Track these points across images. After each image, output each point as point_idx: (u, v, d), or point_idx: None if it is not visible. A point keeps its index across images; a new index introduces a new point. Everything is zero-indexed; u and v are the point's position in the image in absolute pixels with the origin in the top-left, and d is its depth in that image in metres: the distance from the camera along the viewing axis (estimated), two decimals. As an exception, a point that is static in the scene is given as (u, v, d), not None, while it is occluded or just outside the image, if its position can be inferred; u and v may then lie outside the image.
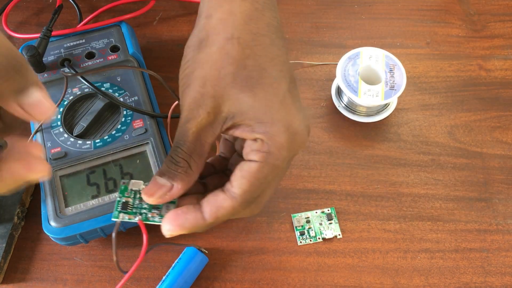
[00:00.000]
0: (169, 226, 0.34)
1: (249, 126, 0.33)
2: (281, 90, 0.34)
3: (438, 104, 0.55)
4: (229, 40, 0.33)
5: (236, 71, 0.33)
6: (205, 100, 0.33)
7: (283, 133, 0.33)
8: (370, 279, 0.46)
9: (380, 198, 0.49)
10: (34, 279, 0.45)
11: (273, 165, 0.33)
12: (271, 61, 0.34)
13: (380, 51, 0.52)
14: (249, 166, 0.33)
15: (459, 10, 0.61)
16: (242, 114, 0.33)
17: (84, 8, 0.60)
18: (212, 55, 0.33)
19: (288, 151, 0.33)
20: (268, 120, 0.33)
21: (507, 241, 0.47)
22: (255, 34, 0.34)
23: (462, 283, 0.45)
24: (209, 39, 0.34)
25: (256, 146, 0.33)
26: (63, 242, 0.44)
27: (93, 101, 0.49)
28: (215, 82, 0.33)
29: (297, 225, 0.48)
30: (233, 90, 0.33)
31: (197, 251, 0.44)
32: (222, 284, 0.45)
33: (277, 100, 0.33)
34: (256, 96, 0.33)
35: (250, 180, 0.33)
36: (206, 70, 0.33)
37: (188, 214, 0.34)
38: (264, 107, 0.33)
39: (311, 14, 0.61)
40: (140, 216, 0.35)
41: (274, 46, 0.35)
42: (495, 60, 0.58)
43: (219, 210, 0.33)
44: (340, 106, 0.54)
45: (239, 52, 0.33)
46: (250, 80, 0.33)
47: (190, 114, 0.33)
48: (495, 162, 0.51)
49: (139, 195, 0.35)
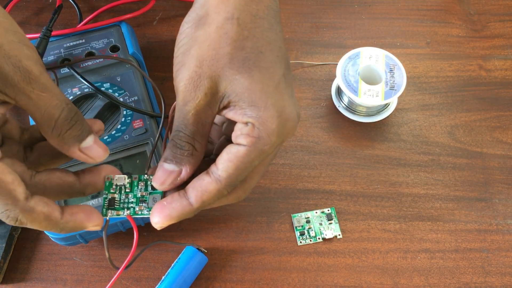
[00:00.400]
0: (157, 218, 0.33)
1: (242, 109, 0.33)
2: (276, 75, 0.34)
3: (438, 104, 0.55)
4: (228, 20, 0.33)
5: (234, 51, 0.33)
6: (202, 80, 0.32)
7: (275, 118, 0.33)
8: (370, 279, 0.45)
9: (380, 198, 0.49)
10: (33, 279, 0.45)
11: (261, 150, 0.33)
12: (268, 45, 0.34)
13: (380, 51, 0.52)
14: (237, 150, 0.33)
15: (459, 10, 0.61)
16: (237, 95, 0.32)
17: (84, 8, 0.60)
18: (211, 34, 0.33)
19: (277, 137, 0.33)
20: (262, 104, 0.32)
21: (507, 241, 0.47)
22: (255, 16, 0.34)
23: (462, 283, 0.45)
24: (209, 18, 0.33)
25: (246, 130, 0.33)
26: (62, 242, 0.44)
27: (93, 101, 0.49)
28: (212, 62, 0.32)
29: (297, 225, 0.48)
30: (230, 71, 0.32)
31: (196, 251, 0.44)
32: (222, 284, 0.45)
33: (272, 84, 0.33)
34: (252, 78, 0.32)
35: (236, 164, 0.33)
36: (203, 49, 0.33)
37: (174, 203, 0.33)
38: (259, 91, 0.33)
39: (311, 14, 0.61)
40: (128, 211, 0.35)
41: (272, 30, 0.35)
42: (495, 60, 0.58)
43: (204, 194, 0.33)
44: (340, 106, 0.54)
45: (238, 32, 0.33)
46: (247, 62, 0.33)
47: (187, 95, 0.33)
48: (495, 162, 0.51)
49: (124, 190, 0.35)
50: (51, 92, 0.31)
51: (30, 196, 0.31)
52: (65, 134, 0.32)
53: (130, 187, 0.35)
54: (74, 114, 0.32)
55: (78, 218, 0.32)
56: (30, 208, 0.30)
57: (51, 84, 0.31)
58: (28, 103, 0.30)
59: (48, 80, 0.31)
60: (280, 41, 0.35)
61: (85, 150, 0.33)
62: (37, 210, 0.31)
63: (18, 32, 0.31)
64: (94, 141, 0.33)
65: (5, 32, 0.30)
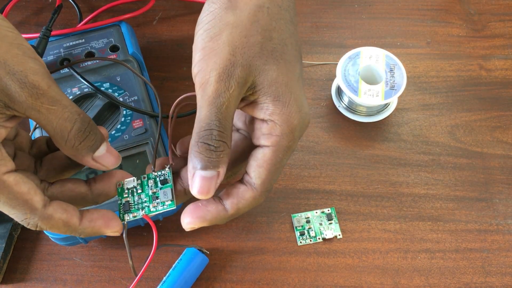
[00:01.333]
0: (189, 218, 0.33)
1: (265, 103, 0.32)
2: (297, 68, 0.33)
3: (438, 104, 0.55)
4: (260, 8, 0.32)
5: (264, 41, 0.32)
6: (235, 69, 0.31)
7: (297, 113, 0.32)
8: (370, 279, 0.45)
9: (380, 198, 0.49)
10: (33, 279, 0.45)
11: (286, 147, 0.32)
12: (290, 38, 0.33)
13: (380, 51, 0.52)
14: (263, 154, 0.32)
15: (460, 10, 0.61)
16: (264, 87, 0.31)
17: (83, 8, 0.60)
18: (243, 20, 0.31)
19: (299, 132, 0.33)
20: (285, 99, 0.32)
21: (508, 241, 0.47)
22: (280, 7, 0.33)
23: (462, 283, 0.45)
24: (240, 2, 0.32)
25: (267, 129, 0.32)
26: (62, 242, 0.43)
27: (92, 101, 0.49)
28: (244, 50, 0.31)
29: (297, 225, 0.48)
30: (260, 61, 0.31)
31: (197, 252, 0.44)
32: (222, 285, 0.45)
33: (294, 78, 0.33)
34: (280, 70, 0.32)
35: (267, 168, 0.32)
36: (235, 36, 0.31)
37: (209, 205, 0.33)
38: (285, 84, 0.32)
39: (311, 14, 0.61)
40: (143, 211, 0.35)
41: (292, 23, 0.34)
42: (496, 60, 0.58)
43: (240, 201, 0.33)
44: (340, 106, 0.54)
45: (268, 22, 0.32)
46: (275, 53, 0.32)
47: (221, 86, 0.30)
48: (496, 162, 0.51)
49: (136, 192, 0.35)
50: (61, 104, 0.30)
51: (48, 202, 0.31)
52: (79, 146, 0.31)
53: (141, 187, 0.35)
54: (88, 124, 0.32)
55: (96, 225, 0.33)
56: (49, 215, 0.31)
57: (61, 96, 0.31)
58: (39, 117, 0.30)
59: (57, 93, 0.30)
60: (297, 34, 0.34)
61: (98, 159, 0.33)
62: (55, 217, 0.31)
63: (23, 45, 0.30)
64: (107, 150, 0.33)
65: (9, 46, 0.29)
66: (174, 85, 0.55)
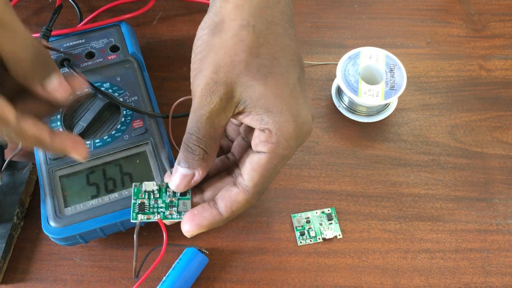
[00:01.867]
0: (188, 227, 0.36)
1: (258, 115, 0.34)
2: (291, 80, 0.34)
3: (438, 104, 0.55)
4: (244, 27, 0.33)
5: (249, 58, 0.33)
6: (218, 86, 0.33)
7: (291, 123, 0.33)
8: (370, 279, 0.45)
9: (380, 198, 0.49)
10: (33, 279, 0.45)
11: (281, 155, 0.34)
12: (282, 51, 0.34)
13: (380, 51, 0.52)
14: (259, 159, 0.34)
15: (460, 10, 0.61)
16: (253, 101, 0.33)
17: (84, 8, 0.60)
18: (227, 41, 0.33)
19: (296, 141, 0.34)
20: (277, 110, 0.33)
21: (508, 241, 0.47)
22: (270, 23, 0.34)
23: (462, 283, 0.45)
24: (224, 24, 0.34)
25: (264, 137, 0.34)
26: (62, 242, 0.43)
27: (92, 101, 0.49)
28: (228, 69, 0.33)
29: (297, 225, 0.48)
30: (246, 78, 0.33)
31: (197, 252, 0.44)
32: (222, 285, 0.45)
33: (287, 89, 0.34)
34: (267, 84, 0.33)
35: (261, 172, 0.34)
36: (220, 56, 0.33)
37: (204, 212, 0.36)
38: (274, 96, 0.33)
39: (311, 14, 0.61)
40: (158, 215, 0.37)
41: (286, 35, 0.35)
42: (496, 60, 0.58)
43: (234, 204, 0.35)
44: (340, 106, 0.54)
45: (253, 40, 0.33)
46: (262, 69, 0.33)
47: (203, 100, 0.33)
48: (496, 162, 0.51)
49: (153, 196, 0.37)
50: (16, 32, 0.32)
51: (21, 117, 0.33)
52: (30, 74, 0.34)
53: (158, 193, 0.37)
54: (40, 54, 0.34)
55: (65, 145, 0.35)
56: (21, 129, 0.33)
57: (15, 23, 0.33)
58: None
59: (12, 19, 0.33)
60: (294, 45, 0.35)
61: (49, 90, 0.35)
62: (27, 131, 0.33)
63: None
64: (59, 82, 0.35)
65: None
66: (174, 85, 0.55)
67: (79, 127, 0.47)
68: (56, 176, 0.44)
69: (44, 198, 0.44)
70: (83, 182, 0.44)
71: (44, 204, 0.44)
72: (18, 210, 0.47)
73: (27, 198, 0.48)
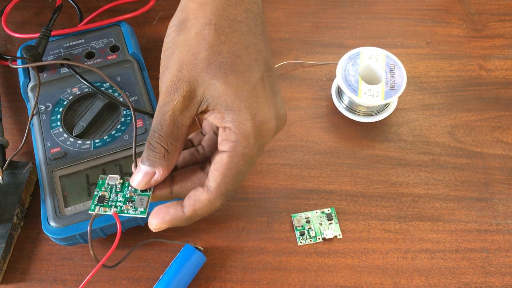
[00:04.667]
0: (154, 220, 0.36)
1: (220, 113, 0.34)
2: (253, 78, 0.34)
3: (438, 104, 0.55)
4: (206, 26, 0.34)
5: (211, 56, 0.33)
6: (181, 84, 0.34)
7: (249, 121, 0.33)
8: (370, 279, 0.45)
9: (380, 198, 0.49)
10: (33, 279, 0.45)
11: (242, 154, 0.34)
12: (245, 49, 0.34)
13: (380, 51, 0.52)
14: (221, 158, 0.34)
15: (460, 10, 0.61)
16: (214, 99, 0.33)
17: (84, 8, 0.60)
18: (190, 39, 0.34)
19: (255, 139, 0.34)
20: (236, 108, 0.33)
21: (508, 241, 0.47)
22: (232, 21, 0.34)
23: (462, 283, 0.45)
24: (188, 22, 0.35)
25: (225, 136, 0.34)
26: (62, 242, 0.43)
27: (92, 101, 0.49)
28: (191, 67, 0.33)
29: (297, 225, 0.48)
30: (207, 76, 0.33)
31: (193, 249, 0.44)
32: (222, 284, 0.45)
33: (247, 88, 0.34)
34: (228, 83, 0.33)
35: (223, 172, 0.34)
36: (184, 54, 0.34)
37: (170, 208, 0.36)
38: (233, 94, 0.33)
39: (311, 14, 0.61)
40: (115, 209, 0.36)
41: (251, 33, 0.35)
42: (496, 60, 0.58)
43: (196, 203, 0.35)
44: (340, 106, 0.54)
45: (215, 38, 0.34)
46: (223, 67, 0.33)
47: (167, 97, 0.34)
48: (496, 162, 0.51)
49: (115, 189, 0.37)
50: None
51: None
52: None
53: (121, 187, 0.37)
54: None
55: None
56: None
57: None
58: None
59: None
60: (260, 44, 0.35)
61: None
62: None
63: None
64: None
65: None
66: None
67: (79, 127, 0.47)
68: (56, 176, 0.45)
69: (44, 198, 0.44)
70: (83, 182, 0.44)
71: (44, 204, 0.44)
72: (18, 210, 0.47)
73: (27, 198, 0.48)
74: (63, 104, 0.48)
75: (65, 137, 0.46)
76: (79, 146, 0.46)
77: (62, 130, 0.47)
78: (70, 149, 0.46)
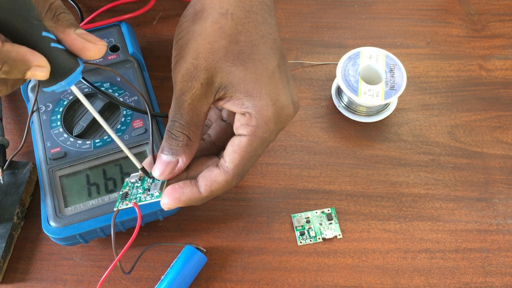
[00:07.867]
0: (166, 200, 0.36)
1: (239, 99, 0.34)
2: (270, 65, 0.35)
3: (438, 104, 0.55)
4: (223, 15, 0.35)
5: (229, 45, 0.34)
6: (198, 72, 0.34)
7: (270, 106, 0.34)
8: (370, 279, 0.45)
9: (380, 198, 0.49)
10: (33, 279, 0.45)
11: (262, 138, 0.35)
12: (262, 38, 0.35)
13: (380, 51, 0.52)
14: (240, 141, 0.35)
15: (460, 10, 0.61)
16: (233, 86, 0.34)
17: (84, 8, 0.60)
18: (207, 28, 0.34)
19: (275, 124, 0.35)
20: (256, 94, 0.34)
21: (508, 241, 0.47)
22: (248, 12, 0.35)
23: (462, 283, 0.45)
24: (204, 12, 0.35)
25: (245, 120, 0.35)
26: (62, 242, 0.44)
27: (93, 101, 0.49)
28: (208, 55, 0.34)
29: (297, 225, 0.48)
30: (226, 63, 0.34)
31: (195, 250, 0.44)
32: (222, 284, 0.45)
33: (266, 74, 0.35)
34: (247, 70, 0.34)
35: (241, 154, 0.35)
36: (200, 43, 0.34)
37: (185, 188, 0.36)
38: (253, 81, 0.34)
39: (311, 14, 0.61)
40: (134, 200, 0.37)
41: (266, 24, 0.36)
42: (496, 60, 0.58)
43: (213, 184, 0.36)
44: (340, 106, 0.54)
45: (232, 27, 0.34)
46: (241, 55, 0.34)
47: (184, 86, 0.34)
48: (496, 162, 0.51)
49: (135, 185, 0.38)
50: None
51: None
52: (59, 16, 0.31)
53: (140, 182, 0.38)
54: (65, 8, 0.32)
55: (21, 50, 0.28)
56: None
57: None
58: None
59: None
60: (274, 33, 0.36)
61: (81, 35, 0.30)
62: None
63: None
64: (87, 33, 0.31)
65: None
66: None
67: (79, 127, 0.47)
68: (56, 176, 0.45)
69: (44, 198, 0.44)
70: (83, 182, 0.44)
71: (44, 204, 0.44)
72: (18, 210, 0.47)
73: (27, 198, 0.48)
74: (63, 104, 0.48)
75: (65, 137, 0.46)
76: (79, 146, 0.46)
77: (62, 130, 0.47)
78: (70, 149, 0.46)
